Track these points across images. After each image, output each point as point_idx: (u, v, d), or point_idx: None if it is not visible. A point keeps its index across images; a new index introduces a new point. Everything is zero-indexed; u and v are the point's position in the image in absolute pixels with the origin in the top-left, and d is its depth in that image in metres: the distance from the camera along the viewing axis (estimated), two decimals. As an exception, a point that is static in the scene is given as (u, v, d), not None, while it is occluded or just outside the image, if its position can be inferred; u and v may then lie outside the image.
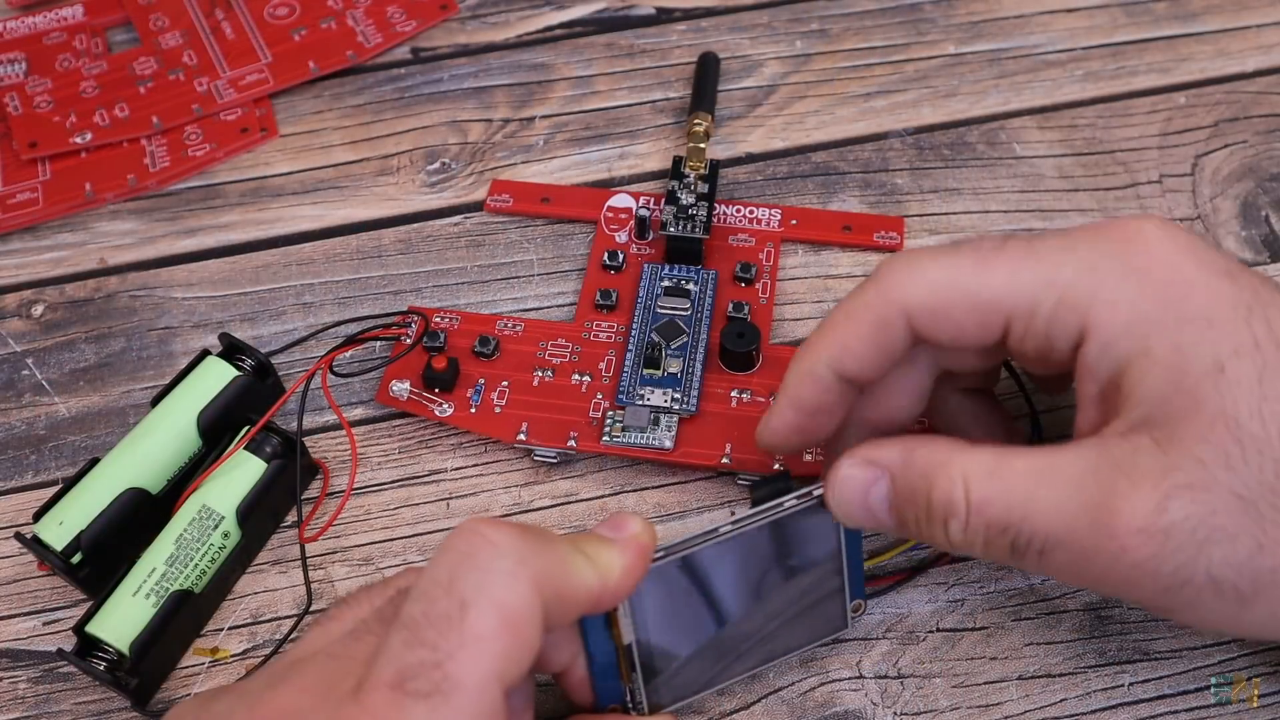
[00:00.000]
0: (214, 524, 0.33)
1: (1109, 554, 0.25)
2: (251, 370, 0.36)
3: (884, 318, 0.29)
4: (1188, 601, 0.26)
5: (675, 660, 0.30)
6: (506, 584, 0.24)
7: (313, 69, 0.48)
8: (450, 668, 0.23)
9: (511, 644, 0.23)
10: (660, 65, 0.48)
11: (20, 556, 0.35)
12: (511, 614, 0.24)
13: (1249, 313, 0.26)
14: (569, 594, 0.25)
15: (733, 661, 0.31)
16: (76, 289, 0.42)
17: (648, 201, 0.43)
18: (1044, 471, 0.26)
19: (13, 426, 0.39)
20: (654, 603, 0.29)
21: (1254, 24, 0.48)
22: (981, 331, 0.28)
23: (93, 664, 0.31)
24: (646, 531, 0.28)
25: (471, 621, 0.23)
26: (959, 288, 0.28)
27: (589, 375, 0.38)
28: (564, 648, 0.28)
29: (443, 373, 0.37)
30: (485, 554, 0.24)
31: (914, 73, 0.47)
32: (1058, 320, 0.27)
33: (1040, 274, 0.27)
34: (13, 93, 0.47)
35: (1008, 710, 0.31)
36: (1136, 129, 0.45)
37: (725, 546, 0.29)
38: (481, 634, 0.23)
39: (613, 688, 0.29)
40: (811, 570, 0.30)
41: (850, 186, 0.44)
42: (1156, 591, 0.26)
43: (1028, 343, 0.28)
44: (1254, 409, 0.25)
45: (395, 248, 0.43)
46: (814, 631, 0.32)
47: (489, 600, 0.23)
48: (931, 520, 0.27)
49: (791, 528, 0.30)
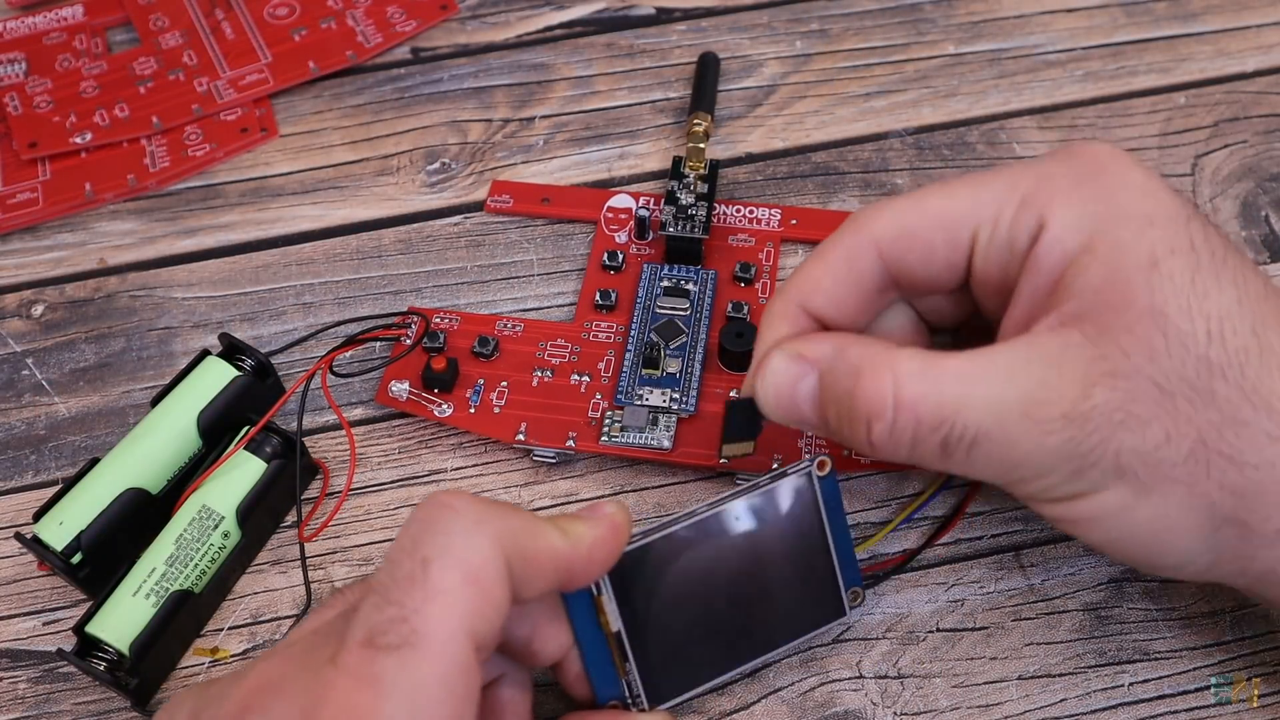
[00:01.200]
0: (214, 524, 0.33)
1: (1032, 441, 0.26)
2: (251, 370, 0.36)
3: (852, 250, 0.30)
4: (1089, 486, 0.26)
5: (670, 651, 0.30)
6: (466, 541, 0.24)
7: (313, 69, 0.48)
8: (416, 621, 0.23)
9: (476, 596, 0.24)
10: (660, 65, 0.48)
11: (20, 556, 0.35)
12: (473, 568, 0.24)
13: (1188, 221, 0.27)
14: (534, 554, 0.26)
15: (732, 651, 0.31)
16: (76, 289, 0.42)
17: (647, 202, 0.43)
18: (975, 370, 0.27)
19: (13, 426, 0.39)
20: (640, 590, 0.29)
21: (1254, 24, 0.48)
22: (949, 251, 0.29)
23: (93, 664, 0.31)
24: (621, 511, 0.28)
25: (434, 577, 0.24)
26: (925, 209, 0.29)
27: (588, 375, 0.38)
28: (553, 637, 0.28)
29: (442, 373, 0.37)
30: (445, 518, 0.25)
31: (914, 73, 0.47)
32: (1018, 222, 0.28)
33: (1002, 185, 0.28)
34: (13, 93, 0.47)
35: (1008, 710, 0.31)
36: (1136, 129, 0.45)
37: (706, 529, 0.29)
38: (445, 588, 0.24)
39: (609, 681, 0.29)
40: (799, 553, 0.31)
41: (850, 186, 0.44)
42: (1063, 477, 0.27)
43: (991, 253, 0.28)
44: (1183, 305, 0.26)
45: (395, 248, 0.43)
46: (812, 619, 0.31)
47: (450, 557, 0.24)
48: (854, 420, 0.27)
49: (772, 507, 0.30)
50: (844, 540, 0.31)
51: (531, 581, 0.26)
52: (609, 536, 0.27)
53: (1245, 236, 0.41)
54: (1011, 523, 0.35)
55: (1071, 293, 0.27)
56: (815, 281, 0.30)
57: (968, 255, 0.29)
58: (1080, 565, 0.34)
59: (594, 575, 0.28)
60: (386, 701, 0.23)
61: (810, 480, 0.30)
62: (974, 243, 0.29)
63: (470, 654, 0.24)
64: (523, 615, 0.28)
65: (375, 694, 0.23)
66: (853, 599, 0.32)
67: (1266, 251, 0.41)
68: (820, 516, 0.31)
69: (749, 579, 0.30)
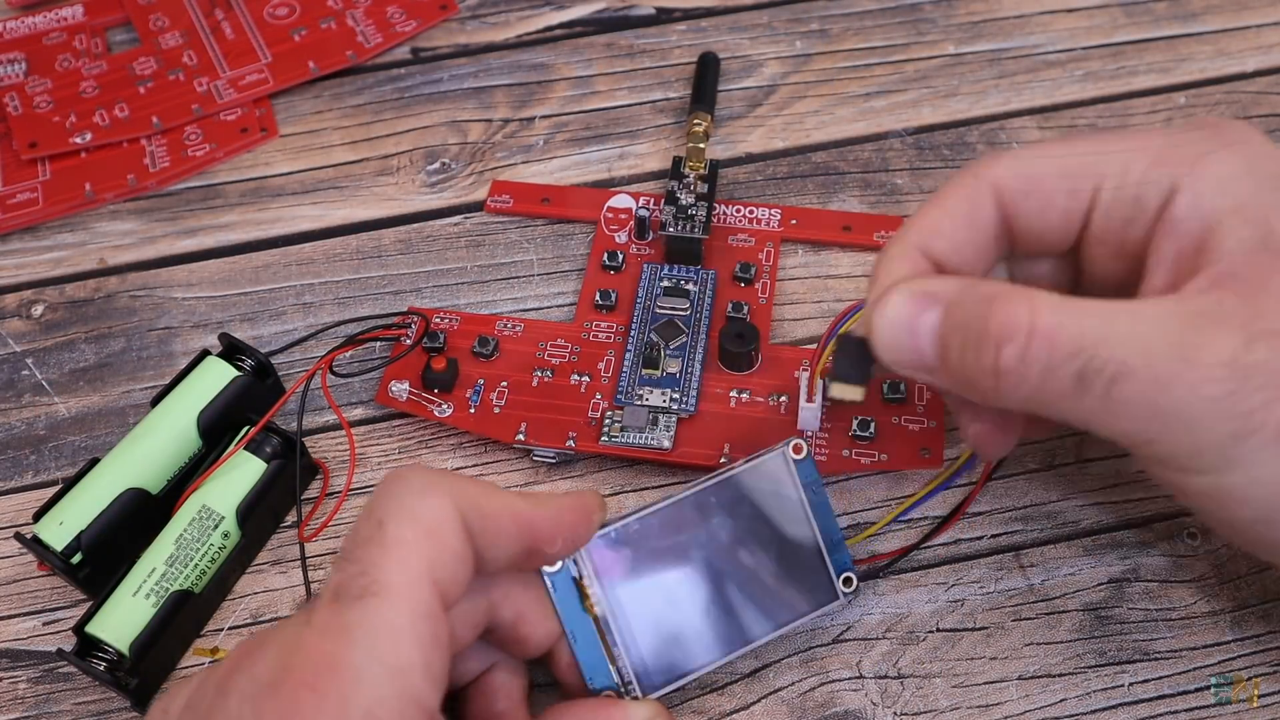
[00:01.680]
0: (214, 524, 0.33)
1: (1187, 385, 0.24)
2: (251, 370, 0.36)
3: (973, 195, 0.29)
4: (1249, 452, 0.25)
5: (659, 637, 0.30)
6: (418, 500, 0.25)
7: (313, 69, 0.48)
8: (376, 573, 0.24)
9: (432, 546, 0.25)
10: (660, 65, 0.48)
11: (20, 556, 0.35)
12: (426, 522, 0.25)
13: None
14: (492, 511, 0.26)
15: (723, 636, 0.31)
16: (76, 289, 0.42)
17: (648, 202, 0.43)
18: (1122, 310, 0.25)
19: (13, 426, 0.39)
20: (624, 575, 0.29)
21: (1254, 24, 0.48)
22: (1069, 201, 0.28)
23: (93, 664, 0.31)
24: (591, 492, 0.29)
25: (389, 533, 0.25)
26: (1049, 157, 0.28)
27: (588, 375, 0.38)
28: (540, 621, 0.29)
29: (442, 373, 0.37)
30: (399, 485, 0.26)
31: (914, 73, 0.47)
32: (1148, 180, 0.27)
33: (1132, 142, 0.28)
34: (13, 93, 0.47)
35: (1008, 710, 0.31)
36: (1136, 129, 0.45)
37: (685, 514, 0.30)
38: (399, 540, 0.25)
39: (599, 668, 0.29)
40: (782, 536, 0.31)
41: (850, 186, 0.44)
42: (1222, 437, 0.25)
43: (1115, 208, 0.28)
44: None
45: (395, 248, 0.43)
46: (804, 603, 0.31)
47: (403, 514, 0.25)
48: (981, 347, 0.26)
49: (750, 491, 0.30)
50: (829, 524, 0.31)
51: (494, 539, 0.26)
52: (575, 504, 0.28)
53: (1245, 236, 0.41)
54: (1011, 523, 0.35)
55: (1220, 254, 0.26)
56: (935, 224, 0.29)
57: (1086, 209, 0.28)
58: (1080, 565, 0.34)
59: (562, 540, 0.28)
60: (354, 648, 0.23)
61: (786, 462, 0.31)
62: (1095, 197, 0.28)
63: (433, 599, 0.25)
64: (506, 597, 0.28)
65: (344, 642, 0.24)
66: (846, 584, 0.31)
67: (1266, 251, 0.41)
68: (800, 499, 0.31)
69: (734, 563, 0.30)
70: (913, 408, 0.36)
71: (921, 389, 0.37)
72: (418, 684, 0.24)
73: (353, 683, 0.23)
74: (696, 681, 0.32)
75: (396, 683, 0.23)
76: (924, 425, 0.36)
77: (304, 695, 0.23)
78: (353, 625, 0.24)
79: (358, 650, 0.23)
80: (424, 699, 0.24)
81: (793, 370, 0.37)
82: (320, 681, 0.23)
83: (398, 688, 0.23)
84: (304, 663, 0.23)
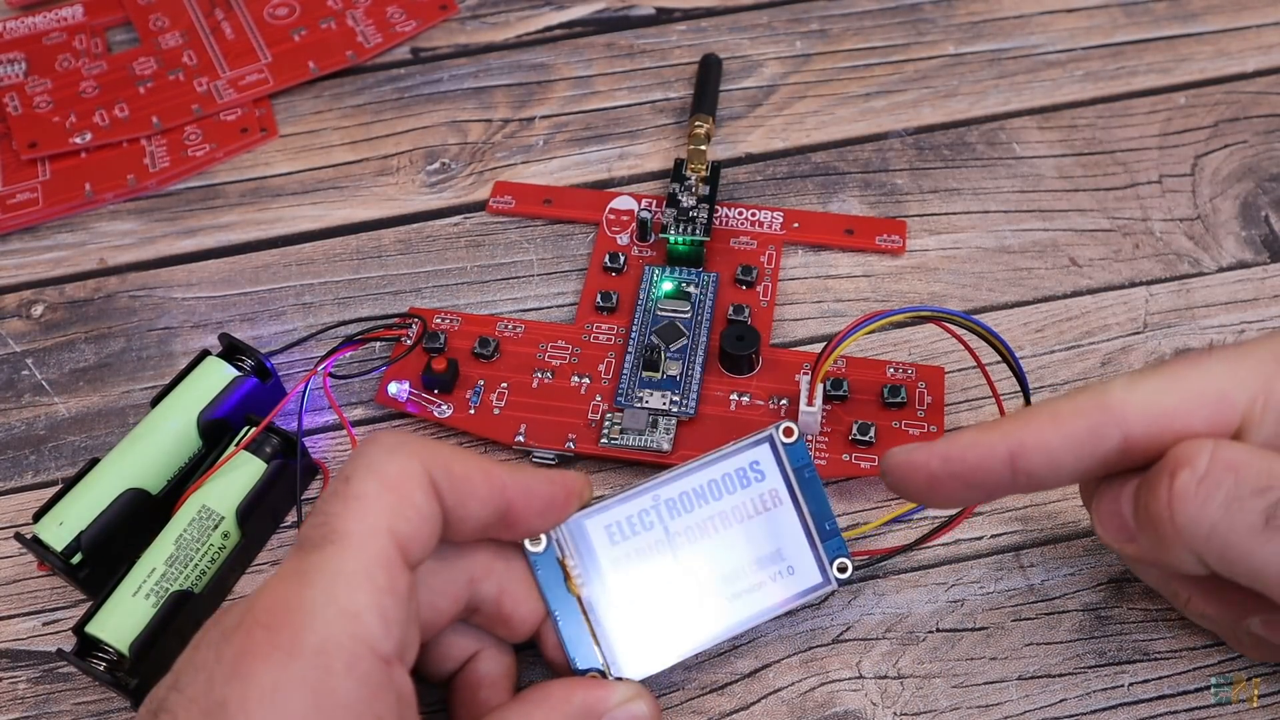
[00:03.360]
0: (214, 524, 0.33)
1: None
2: (251, 370, 0.36)
3: (1098, 427, 0.26)
4: None
5: (646, 619, 0.30)
6: (384, 457, 0.26)
7: (313, 69, 0.48)
8: (335, 523, 0.25)
9: (393, 499, 0.26)
10: (660, 65, 0.48)
11: (20, 556, 0.35)
12: (389, 477, 0.26)
13: None
14: (462, 471, 0.27)
15: (712, 620, 0.30)
16: (76, 289, 0.42)
17: (649, 204, 0.43)
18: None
19: (13, 426, 0.39)
20: (608, 556, 0.30)
21: (1254, 24, 0.48)
22: (1212, 430, 0.26)
23: (93, 664, 0.31)
24: (576, 473, 0.30)
25: (353, 487, 0.26)
26: (1183, 387, 0.26)
27: (588, 377, 0.38)
28: (523, 600, 0.29)
29: (442, 374, 0.37)
30: (370, 446, 0.27)
31: (914, 73, 0.47)
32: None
33: (1262, 354, 0.26)
34: (13, 93, 0.47)
35: (1008, 710, 0.31)
36: (1136, 129, 0.45)
37: (672, 496, 0.30)
38: (361, 493, 0.26)
39: (583, 649, 0.30)
40: (771, 520, 0.31)
41: (850, 187, 0.44)
42: None
43: (1268, 423, 0.26)
44: None
45: (395, 248, 0.43)
46: (793, 586, 0.31)
47: (368, 471, 0.26)
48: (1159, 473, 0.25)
49: (737, 475, 0.31)
50: (822, 509, 0.31)
51: (465, 499, 0.27)
52: (554, 476, 0.29)
53: (1245, 236, 0.41)
54: (1011, 523, 0.35)
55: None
56: (1042, 440, 0.26)
57: (1233, 435, 0.26)
58: (1080, 565, 0.34)
59: (538, 511, 0.28)
60: (309, 588, 0.25)
61: (774, 445, 0.31)
62: (1244, 419, 0.26)
63: (390, 548, 0.25)
64: (488, 572, 0.29)
65: (300, 584, 0.25)
66: (840, 570, 0.31)
67: (1266, 251, 0.41)
68: (789, 482, 0.31)
69: (721, 547, 0.30)
70: (913, 412, 0.36)
71: (922, 394, 0.37)
72: (371, 627, 0.25)
73: (305, 622, 0.24)
74: (697, 684, 0.32)
75: (349, 625, 0.24)
76: (924, 429, 0.36)
77: (258, 634, 0.24)
78: (310, 570, 0.25)
79: (312, 592, 0.24)
80: (377, 643, 0.25)
81: (793, 374, 0.37)
82: (274, 620, 0.24)
83: (350, 629, 0.24)
84: (262, 605, 0.25)
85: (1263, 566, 0.24)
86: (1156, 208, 0.42)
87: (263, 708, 0.23)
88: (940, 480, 0.27)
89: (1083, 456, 0.26)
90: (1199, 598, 0.30)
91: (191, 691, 0.24)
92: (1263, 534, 0.24)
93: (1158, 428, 0.26)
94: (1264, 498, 0.24)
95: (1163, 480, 0.25)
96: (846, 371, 0.37)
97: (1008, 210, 0.42)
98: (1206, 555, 0.25)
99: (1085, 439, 0.26)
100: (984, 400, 0.37)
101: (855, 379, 0.37)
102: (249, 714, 0.23)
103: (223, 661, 0.24)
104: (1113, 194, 0.43)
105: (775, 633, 0.33)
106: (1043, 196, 0.43)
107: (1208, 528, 0.24)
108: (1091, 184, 0.43)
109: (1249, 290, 0.40)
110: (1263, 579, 0.25)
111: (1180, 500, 0.24)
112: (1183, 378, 0.26)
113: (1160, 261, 0.41)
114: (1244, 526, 0.24)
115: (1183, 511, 0.24)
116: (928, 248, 0.42)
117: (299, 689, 0.23)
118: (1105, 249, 0.41)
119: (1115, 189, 0.43)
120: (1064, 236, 0.42)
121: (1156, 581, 0.31)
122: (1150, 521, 0.26)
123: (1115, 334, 0.39)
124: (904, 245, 0.41)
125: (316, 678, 0.24)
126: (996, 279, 0.41)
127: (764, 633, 0.33)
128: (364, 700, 0.24)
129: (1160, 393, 0.26)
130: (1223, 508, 0.24)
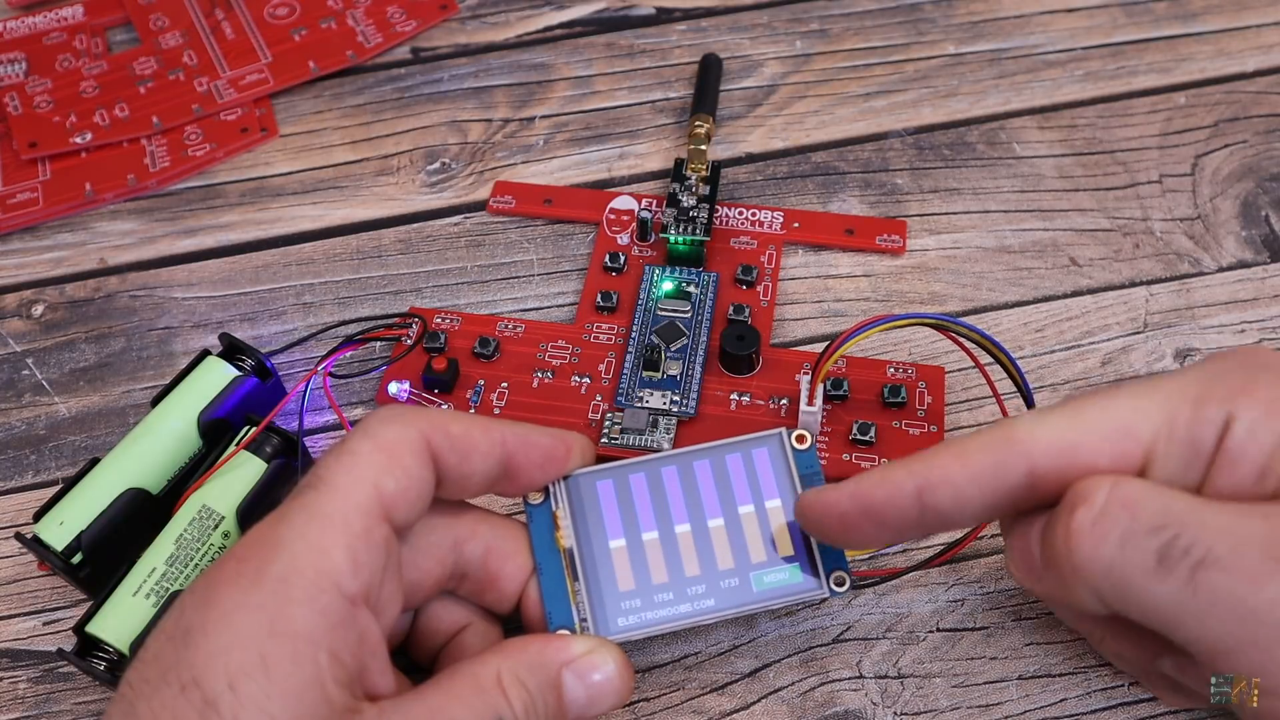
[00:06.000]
0: (214, 524, 0.33)
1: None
2: (252, 370, 0.36)
3: (1003, 462, 0.26)
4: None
5: (626, 584, 0.30)
6: (381, 424, 0.27)
7: (313, 69, 0.48)
8: (324, 474, 0.26)
9: (382, 458, 0.27)
10: (660, 65, 0.48)
11: (20, 556, 0.35)
12: (384, 439, 0.27)
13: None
14: (463, 431, 0.28)
15: (694, 600, 0.30)
16: (76, 289, 0.42)
17: (650, 204, 0.43)
18: (1208, 502, 0.24)
19: (13, 426, 0.39)
20: (599, 517, 0.30)
21: (1254, 24, 0.48)
22: (1115, 465, 0.26)
23: (93, 664, 0.31)
24: (576, 432, 0.30)
25: (347, 445, 0.27)
26: (1086, 423, 0.26)
27: (588, 377, 0.38)
28: (509, 557, 0.30)
29: (442, 374, 0.37)
30: (371, 416, 0.28)
31: (914, 73, 0.47)
32: (1199, 421, 0.25)
33: (1167, 389, 0.26)
34: (13, 93, 0.47)
35: (1008, 710, 0.31)
36: (1136, 129, 0.45)
37: (674, 474, 0.31)
38: (353, 451, 0.27)
39: (560, 605, 0.30)
40: (771, 516, 0.31)
41: (850, 186, 0.44)
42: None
43: (1172, 458, 0.26)
44: None
45: (395, 248, 0.43)
46: (785, 586, 0.30)
47: (364, 434, 0.27)
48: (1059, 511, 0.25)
49: (743, 468, 0.31)
50: None
51: (466, 455, 0.28)
52: (552, 431, 0.30)
53: (1245, 236, 0.41)
54: (1012, 523, 0.35)
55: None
56: (947, 476, 0.26)
57: (1137, 469, 0.26)
58: (1080, 566, 0.34)
59: (537, 463, 0.29)
60: (285, 526, 0.26)
61: (784, 449, 0.31)
62: (1148, 454, 0.26)
63: (370, 499, 0.26)
64: (473, 533, 0.29)
65: (277, 522, 0.26)
66: (837, 583, 0.30)
67: (1266, 251, 0.41)
68: (793, 487, 0.31)
69: (717, 532, 0.30)
70: (913, 412, 0.36)
71: (923, 394, 0.37)
72: (338, 562, 0.25)
73: (272, 554, 0.25)
74: (697, 683, 0.32)
75: (315, 558, 0.25)
76: (924, 430, 0.36)
77: (229, 564, 0.25)
78: (290, 511, 0.26)
79: (285, 528, 0.26)
80: (342, 579, 0.25)
81: (793, 374, 0.37)
82: (247, 552, 0.25)
83: (316, 563, 0.25)
84: (241, 543, 0.26)
85: (1157, 607, 0.24)
86: (1157, 207, 0.42)
87: (218, 628, 0.24)
88: (852, 519, 0.27)
89: (988, 492, 0.26)
90: (1110, 638, 0.29)
91: (165, 623, 0.25)
92: (1155, 573, 0.24)
93: (1063, 462, 0.26)
94: (1158, 536, 0.24)
95: (1061, 518, 0.25)
96: (847, 371, 0.37)
97: (1008, 210, 0.43)
98: (1105, 594, 0.25)
99: (991, 474, 0.26)
100: (984, 400, 0.37)
101: (855, 379, 0.37)
102: (208, 635, 0.24)
103: (194, 591, 0.25)
104: (1113, 194, 0.43)
105: (775, 632, 0.33)
106: (1043, 196, 0.43)
107: (1104, 566, 0.24)
108: (1091, 184, 0.43)
109: (1249, 290, 0.40)
110: (1159, 619, 0.25)
111: (1077, 538, 0.24)
112: (1089, 412, 0.26)
113: (1160, 261, 0.41)
114: (1138, 566, 0.24)
115: (1079, 550, 0.24)
116: (928, 247, 0.42)
117: (256, 612, 0.24)
118: (1105, 249, 0.41)
119: (1115, 189, 0.43)
120: (1064, 236, 0.42)
121: (1072, 620, 0.31)
122: (1052, 560, 0.25)
123: (1115, 334, 0.39)
124: (904, 245, 0.41)
125: (274, 604, 0.24)
126: (997, 279, 0.41)
127: (764, 633, 0.33)
128: (320, 630, 0.24)
129: (1066, 428, 0.26)
130: (1118, 546, 0.24)
